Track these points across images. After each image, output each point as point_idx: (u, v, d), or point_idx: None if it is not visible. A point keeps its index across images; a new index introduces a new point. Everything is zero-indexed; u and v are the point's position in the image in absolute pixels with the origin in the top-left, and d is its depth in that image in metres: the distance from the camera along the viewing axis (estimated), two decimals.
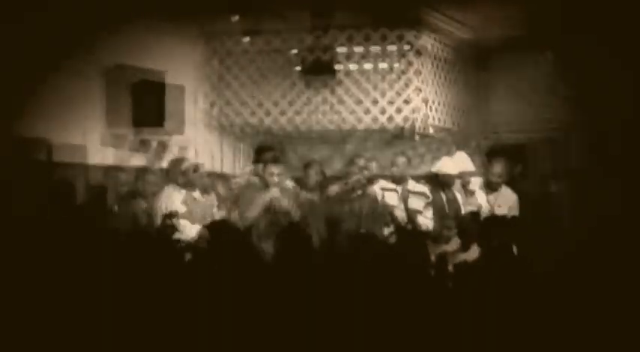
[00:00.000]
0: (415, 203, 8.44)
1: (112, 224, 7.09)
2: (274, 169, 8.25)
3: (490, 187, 8.81)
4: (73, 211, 7.05)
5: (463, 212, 8.52)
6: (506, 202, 8.78)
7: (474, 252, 7.22)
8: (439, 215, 8.33)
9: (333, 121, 9.14)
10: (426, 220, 8.39)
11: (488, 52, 9.88)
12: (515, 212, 8.72)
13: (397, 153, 8.70)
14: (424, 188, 8.50)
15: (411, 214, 8.38)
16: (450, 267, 6.31)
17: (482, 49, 9.81)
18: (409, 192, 8.48)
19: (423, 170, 9.16)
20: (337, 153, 9.62)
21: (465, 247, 7.54)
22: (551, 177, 9.39)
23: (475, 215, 8.24)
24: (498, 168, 8.81)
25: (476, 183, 8.87)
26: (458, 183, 8.62)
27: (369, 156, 8.86)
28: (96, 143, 8.04)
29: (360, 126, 9.29)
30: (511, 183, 8.96)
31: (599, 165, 9.04)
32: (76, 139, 7.82)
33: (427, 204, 8.46)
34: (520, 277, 5.62)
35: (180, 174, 7.82)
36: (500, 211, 8.56)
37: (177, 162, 8.03)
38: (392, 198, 8.50)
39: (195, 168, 7.91)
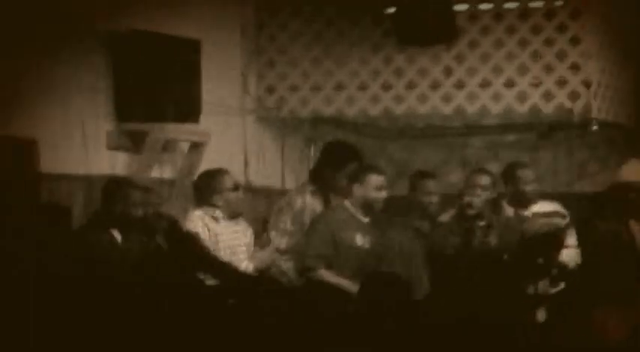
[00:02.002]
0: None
1: (118, 259, 6.41)
2: None
3: None
4: (68, 240, 6.33)
5: None
6: None
7: None
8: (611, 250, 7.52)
9: (447, 111, 8.33)
10: (570, 251, 7.53)
11: None
12: None
13: (518, 164, 7.98)
14: (557, 205, 7.74)
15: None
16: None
17: None
18: (537, 214, 7.61)
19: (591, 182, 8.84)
20: (453, 157, 9.40)
21: None
22: None
23: None
24: None
25: None
26: None
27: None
28: (100, 145, 7.26)
29: (488, 120, 8.82)
30: None
31: None
32: (71, 140, 7.01)
33: (567, 226, 7.62)
34: None
35: (217, 194, 7.15)
36: None
37: (212, 175, 7.29)
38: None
39: (236, 187, 7.28)
